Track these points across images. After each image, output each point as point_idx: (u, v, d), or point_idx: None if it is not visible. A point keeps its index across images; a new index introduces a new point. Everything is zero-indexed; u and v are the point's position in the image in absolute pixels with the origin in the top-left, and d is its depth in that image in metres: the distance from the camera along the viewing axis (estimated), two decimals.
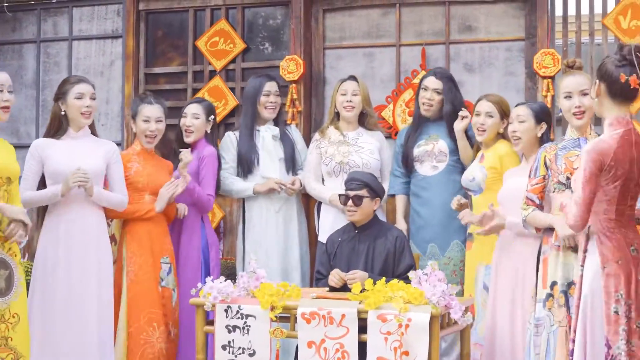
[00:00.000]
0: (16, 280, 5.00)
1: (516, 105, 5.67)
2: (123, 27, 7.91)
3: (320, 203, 6.58)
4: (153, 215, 5.92)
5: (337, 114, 6.56)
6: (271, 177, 6.47)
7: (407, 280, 5.14)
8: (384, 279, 5.11)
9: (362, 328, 4.89)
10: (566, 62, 5.16)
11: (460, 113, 6.24)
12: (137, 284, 5.81)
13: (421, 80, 6.50)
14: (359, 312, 4.89)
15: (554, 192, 4.93)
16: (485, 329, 5.51)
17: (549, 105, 6.65)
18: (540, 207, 5.01)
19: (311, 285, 6.36)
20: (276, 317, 5.00)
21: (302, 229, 6.70)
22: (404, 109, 7.26)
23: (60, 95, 5.64)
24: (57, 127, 5.67)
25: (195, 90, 7.69)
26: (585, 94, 4.97)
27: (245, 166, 6.55)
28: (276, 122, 6.72)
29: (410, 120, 7.00)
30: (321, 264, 5.91)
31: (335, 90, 6.54)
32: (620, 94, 4.36)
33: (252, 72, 7.51)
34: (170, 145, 6.49)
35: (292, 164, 6.63)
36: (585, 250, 4.40)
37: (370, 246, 5.74)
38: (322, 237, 6.31)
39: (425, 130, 6.44)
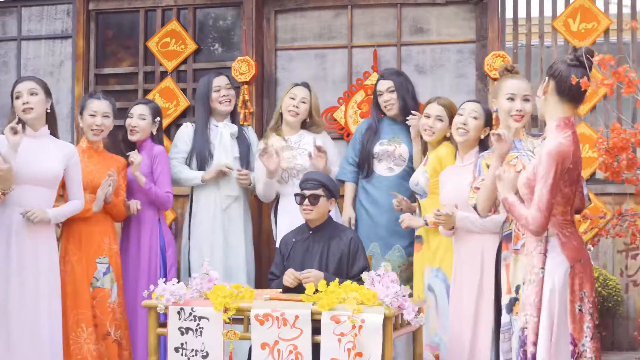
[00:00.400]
0: None
1: (466, 102, 5.67)
2: (73, 27, 7.84)
3: (277, 207, 6.56)
4: (91, 215, 5.85)
5: (281, 116, 6.55)
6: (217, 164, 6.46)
7: (360, 282, 5.14)
8: (337, 280, 5.11)
9: (316, 329, 4.89)
10: (505, 66, 5.22)
11: (409, 118, 6.25)
12: (67, 285, 5.74)
13: (376, 84, 6.50)
14: (312, 314, 4.88)
15: None
16: (448, 333, 5.51)
17: None
18: None
19: (257, 286, 6.37)
20: (229, 318, 4.98)
21: (248, 230, 6.69)
22: (355, 110, 7.28)
23: (11, 95, 5.59)
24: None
25: (146, 91, 7.65)
26: (527, 100, 5.08)
27: (199, 161, 6.53)
28: (234, 120, 6.72)
29: (362, 121, 7.04)
30: (275, 266, 5.90)
31: (285, 93, 6.53)
32: (568, 93, 4.37)
33: (203, 73, 7.45)
34: (119, 146, 6.44)
35: (246, 163, 6.60)
36: (546, 252, 4.41)
37: (325, 247, 5.75)
38: (279, 240, 6.29)
39: (390, 129, 6.41)
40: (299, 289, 5.44)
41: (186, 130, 6.66)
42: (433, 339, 5.69)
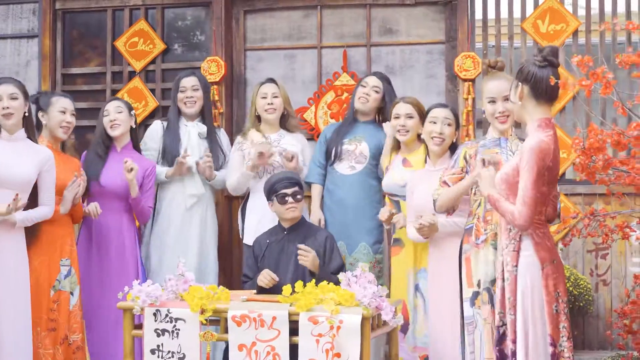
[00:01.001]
0: None
1: (436, 107, 5.67)
2: (39, 26, 7.76)
3: (244, 205, 6.53)
4: (55, 217, 5.77)
5: (258, 117, 6.52)
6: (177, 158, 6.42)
7: (338, 282, 5.14)
8: (313, 280, 5.10)
9: (293, 330, 4.87)
10: (488, 61, 5.21)
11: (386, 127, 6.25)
12: (30, 287, 5.65)
13: (361, 79, 6.50)
14: (289, 314, 4.86)
15: (471, 190, 5.03)
16: (430, 334, 5.54)
17: (469, 108, 6.78)
18: None
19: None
20: (206, 320, 4.95)
21: (213, 231, 6.67)
22: (325, 110, 7.29)
23: None
24: None
25: (114, 91, 7.59)
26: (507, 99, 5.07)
27: (169, 159, 6.47)
28: (204, 120, 6.65)
29: (332, 122, 7.05)
30: (248, 267, 5.87)
31: (255, 94, 6.49)
32: (544, 94, 4.40)
33: (172, 73, 7.46)
34: (88, 146, 6.35)
35: (216, 163, 6.56)
36: (519, 250, 4.44)
37: None
38: (248, 240, 6.28)
39: (353, 130, 6.40)
40: (274, 289, 5.44)
41: (156, 128, 6.62)
42: (422, 340, 5.68)
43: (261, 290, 5.51)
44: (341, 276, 5.07)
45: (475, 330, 4.95)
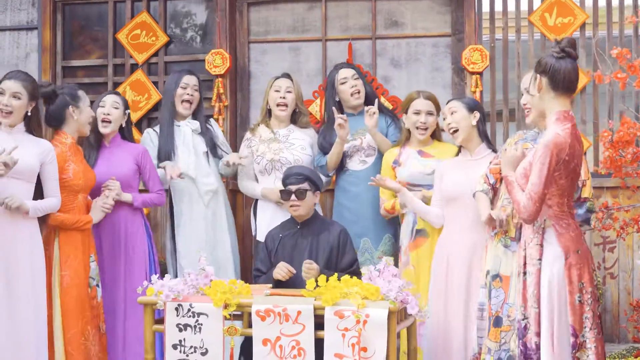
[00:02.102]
0: None
1: (447, 102, 5.72)
2: (39, 18, 7.66)
3: (256, 202, 6.48)
4: (88, 227, 5.74)
5: (269, 111, 6.47)
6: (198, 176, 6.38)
7: (352, 275, 5.11)
8: (336, 275, 5.07)
9: (317, 325, 4.84)
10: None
11: (368, 109, 6.22)
12: (72, 288, 5.59)
13: (332, 77, 6.47)
14: (314, 309, 4.83)
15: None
16: (433, 324, 5.53)
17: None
18: (494, 188, 5.15)
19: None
20: (229, 314, 4.90)
21: (231, 224, 6.61)
22: None
23: None
24: None
25: (116, 84, 7.51)
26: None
27: (163, 157, 6.38)
28: (195, 117, 6.55)
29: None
30: (260, 262, 5.82)
31: (269, 87, 6.44)
32: (562, 86, 4.40)
33: (175, 66, 7.42)
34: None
35: (214, 155, 6.51)
36: (542, 243, 4.44)
37: (314, 241, 5.70)
38: (260, 236, 6.23)
39: (351, 126, 6.34)
40: (289, 283, 5.42)
41: (148, 136, 6.51)
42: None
43: (277, 284, 5.48)
44: (364, 270, 5.05)
45: (484, 315, 5.04)
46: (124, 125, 6.21)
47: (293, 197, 5.69)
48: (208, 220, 6.42)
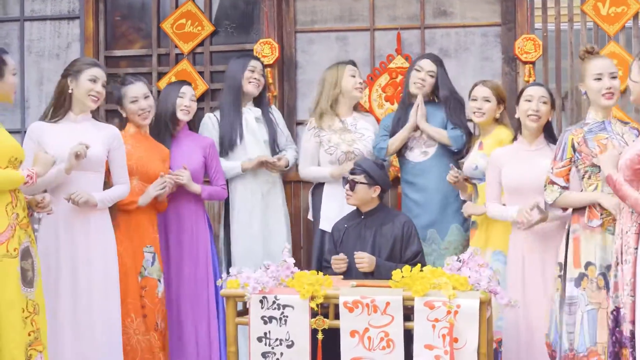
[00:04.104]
0: (36, 269, 4.73)
1: (532, 85, 5.71)
2: (81, 7, 7.54)
3: (315, 189, 6.43)
4: (132, 209, 5.65)
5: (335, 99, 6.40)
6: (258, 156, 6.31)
7: (413, 265, 5.10)
8: (419, 265, 5.04)
9: (404, 316, 4.81)
10: (585, 48, 5.21)
11: (417, 102, 6.23)
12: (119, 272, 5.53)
13: (414, 62, 6.43)
14: (403, 300, 4.79)
15: (584, 175, 4.99)
16: (510, 321, 5.48)
17: None
18: (566, 189, 5.08)
19: None
20: (317, 306, 4.85)
21: (287, 215, 6.55)
22: (380, 93, 7.20)
23: (72, 73, 5.32)
24: (61, 105, 5.33)
25: (160, 74, 7.41)
26: (614, 77, 5.11)
27: (227, 144, 6.33)
28: (258, 103, 6.51)
29: (387, 105, 6.99)
30: (328, 252, 5.80)
31: (341, 74, 6.33)
32: None
33: (220, 56, 7.34)
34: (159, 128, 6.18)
35: (274, 145, 6.46)
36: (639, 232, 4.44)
37: (377, 232, 5.67)
38: (325, 225, 6.17)
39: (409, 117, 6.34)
40: (353, 274, 5.47)
41: (210, 121, 6.43)
42: (496, 324, 5.62)
43: (344, 275, 5.47)
44: (448, 260, 5.02)
45: (577, 311, 4.92)
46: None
47: (347, 186, 5.68)
48: (263, 211, 6.36)
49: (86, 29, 7.51)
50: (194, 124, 6.31)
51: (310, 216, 6.50)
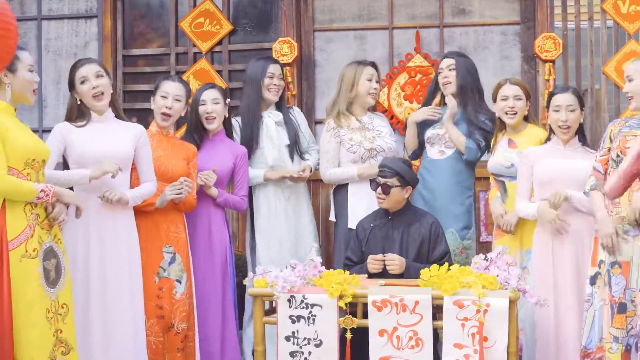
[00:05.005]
0: (63, 269, 4.68)
1: (558, 93, 5.62)
2: (98, 6, 7.55)
3: (337, 189, 6.38)
4: (150, 210, 5.62)
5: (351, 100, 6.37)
6: (283, 168, 6.26)
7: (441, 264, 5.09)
8: (446, 264, 5.03)
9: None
10: None
11: (448, 100, 6.17)
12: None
13: (437, 65, 6.41)
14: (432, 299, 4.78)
15: (610, 168, 5.00)
16: (543, 316, 5.48)
17: (551, 89, 6.70)
18: (604, 177, 5.09)
19: None
20: (346, 305, 4.84)
21: (312, 217, 6.51)
22: (399, 92, 7.19)
23: (70, 83, 5.29)
24: (78, 116, 5.31)
25: (178, 73, 7.37)
26: None
27: (250, 150, 6.28)
28: (278, 106, 6.45)
29: (406, 104, 6.99)
30: (351, 251, 5.76)
31: (359, 75, 6.19)
32: None
33: (239, 54, 7.33)
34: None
35: (296, 148, 6.43)
36: None
37: (405, 232, 5.64)
38: (353, 224, 6.13)
39: (442, 113, 6.29)
40: (382, 274, 5.41)
41: (232, 127, 6.32)
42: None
43: (370, 276, 5.44)
44: (476, 259, 5.00)
45: (590, 308, 4.99)
46: (226, 116, 6.12)
47: (379, 190, 5.64)
48: (289, 214, 6.32)
49: (104, 27, 7.51)
50: (230, 130, 6.22)
51: (332, 217, 6.44)
